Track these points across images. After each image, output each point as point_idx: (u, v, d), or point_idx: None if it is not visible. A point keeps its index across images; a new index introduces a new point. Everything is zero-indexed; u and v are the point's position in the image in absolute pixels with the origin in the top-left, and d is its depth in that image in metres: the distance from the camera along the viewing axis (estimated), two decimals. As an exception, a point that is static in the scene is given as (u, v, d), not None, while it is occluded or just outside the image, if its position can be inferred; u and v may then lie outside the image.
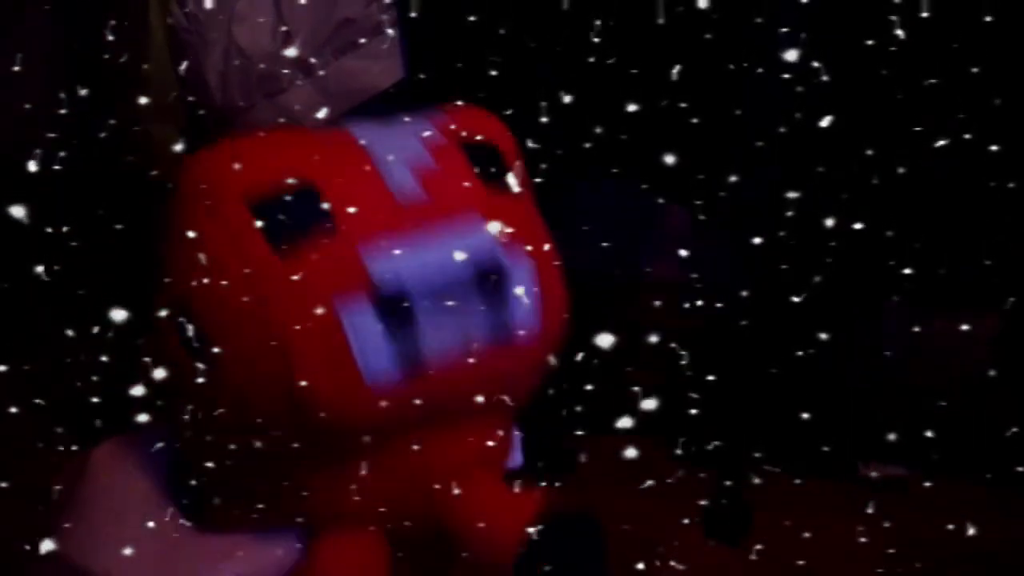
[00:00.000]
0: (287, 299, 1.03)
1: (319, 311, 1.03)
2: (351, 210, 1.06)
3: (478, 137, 1.17)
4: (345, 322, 1.04)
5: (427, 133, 1.14)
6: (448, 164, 1.13)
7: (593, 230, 1.73)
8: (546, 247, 1.17)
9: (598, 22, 1.66)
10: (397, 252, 1.06)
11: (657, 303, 1.67)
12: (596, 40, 1.66)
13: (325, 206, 1.06)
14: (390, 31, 1.66)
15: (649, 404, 1.34)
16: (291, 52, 1.61)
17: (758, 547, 1.64)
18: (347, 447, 1.09)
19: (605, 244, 1.84)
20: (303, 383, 1.04)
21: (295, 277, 1.04)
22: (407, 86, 1.69)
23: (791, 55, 1.55)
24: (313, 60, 1.65)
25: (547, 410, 1.43)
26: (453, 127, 1.17)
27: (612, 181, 1.87)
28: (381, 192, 1.08)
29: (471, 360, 1.10)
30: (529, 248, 1.15)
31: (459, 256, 1.08)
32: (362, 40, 1.67)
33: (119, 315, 1.12)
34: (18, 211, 1.15)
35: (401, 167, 1.10)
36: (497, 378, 1.15)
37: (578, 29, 1.68)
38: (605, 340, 1.20)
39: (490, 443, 1.19)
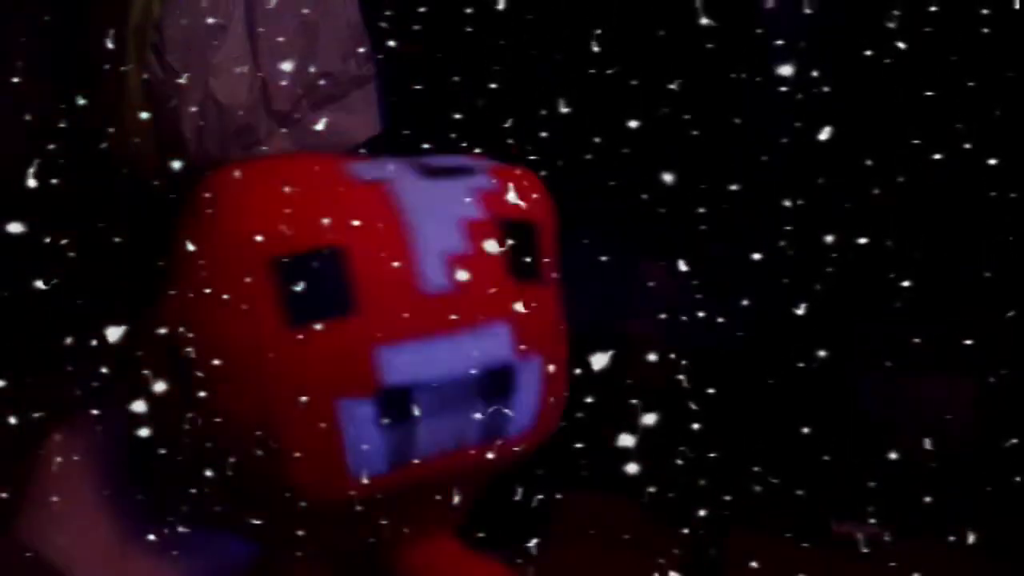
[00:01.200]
0: (290, 378, 0.97)
1: (320, 400, 0.97)
2: (374, 292, 0.98)
3: (519, 216, 1.08)
4: (343, 415, 0.98)
5: (470, 213, 1.06)
6: (480, 253, 1.05)
7: (572, 285, 1.72)
8: (560, 347, 1.10)
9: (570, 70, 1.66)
10: (410, 347, 1.00)
11: (637, 360, 1.66)
12: (572, 89, 1.66)
13: (349, 283, 0.98)
14: (368, 85, 1.67)
15: (627, 462, 1.32)
16: (268, 104, 1.61)
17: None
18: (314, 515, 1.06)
19: (585, 300, 1.84)
20: (287, 465, 1.00)
21: (302, 355, 0.96)
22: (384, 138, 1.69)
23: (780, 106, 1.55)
24: (290, 113, 1.64)
25: (522, 469, 1.42)
26: (497, 202, 1.08)
27: (592, 236, 1.86)
28: (408, 278, 1.01)
29: (456, 456, 1.05)
30: (543, 346, 1.10)
31: (472, 358, 1.02)
32: (339, 94, 1.67)
33: (116, 331, 1.08)
34: (15, 223, 1.12)
35: (435, 253, 1.02)
36: (477, 468, 1.12)
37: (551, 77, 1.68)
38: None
39: (454, 506, 1.16)
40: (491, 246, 1.06)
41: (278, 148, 1.65)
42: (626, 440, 1.59)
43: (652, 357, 1.79)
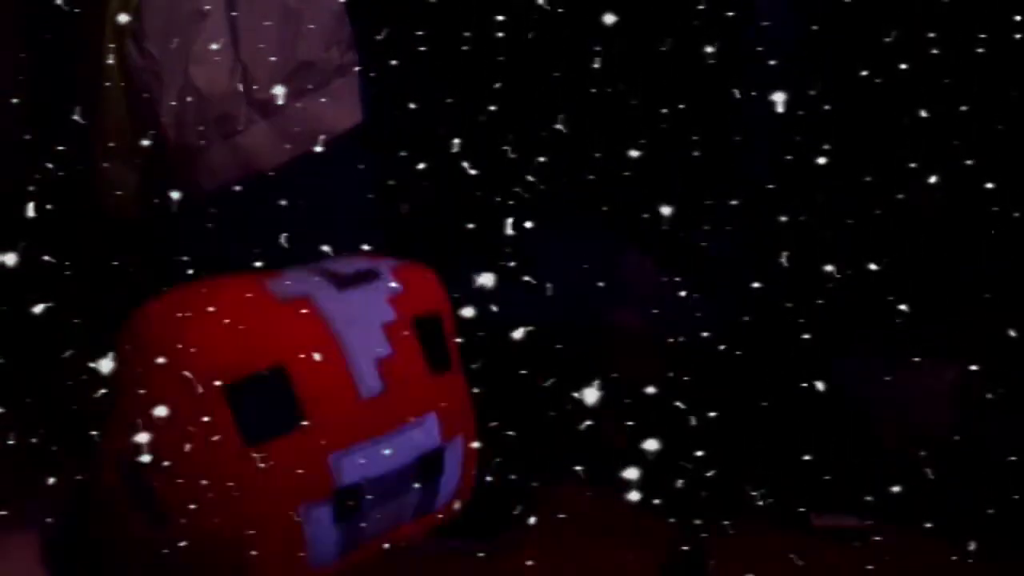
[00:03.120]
0: (253, 489, 1.06)
1: (283, 507, 1.07)
2: (320, 404, 1.09)
3: (426, 311, 1.23)
4: (304, 517, 1.08)
5: (387, 317, 1.18)
6: (404, 353, 1.19)
7: (556, 276, 1.72)
8: (471, 424, 1.26)
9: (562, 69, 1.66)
10: (358, 451, 1.11)
11: (621, 351, 1.67)
12: (562, 86, 1.66)
13: (295, 399, 1.08)
14: (350, 74, 1.65)
15: (612, 453, 1.38)
16: (249, 92, 1.59)
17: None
18: None
19: (569, 287, 1.83)
20: (254, 569, 1.06)
21: (261, 468, 1.06)
22: (366, 128, 1.68)
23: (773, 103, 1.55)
24: (271, 101, 1.62)
25: (506, 458, 1.43)
26: (407, 303, 1.22)
27: (575, 226, 1.86)
28: (348, 387, 1.13)
29: (396, 531, 1.18)
30: (462, 426, 1.24)
31: (410, 449, 1.15)
32: (321, 82, 1.65)
33: (105, 364, 1.10)
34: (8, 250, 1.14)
35: (366, 359, 1.14)
36: (406, 542, 1.24)
37: (546, 72, 1.68)
38: (590, 396, 1.28)
39: None
40: (410, 343, 1.18)
41: (258, 137, 1.63)
42: (612, 432, 1.60)
43: (636, 348, 1.79)
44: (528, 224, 1.49)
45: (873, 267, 1.75)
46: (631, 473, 1.37)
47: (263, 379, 1.06)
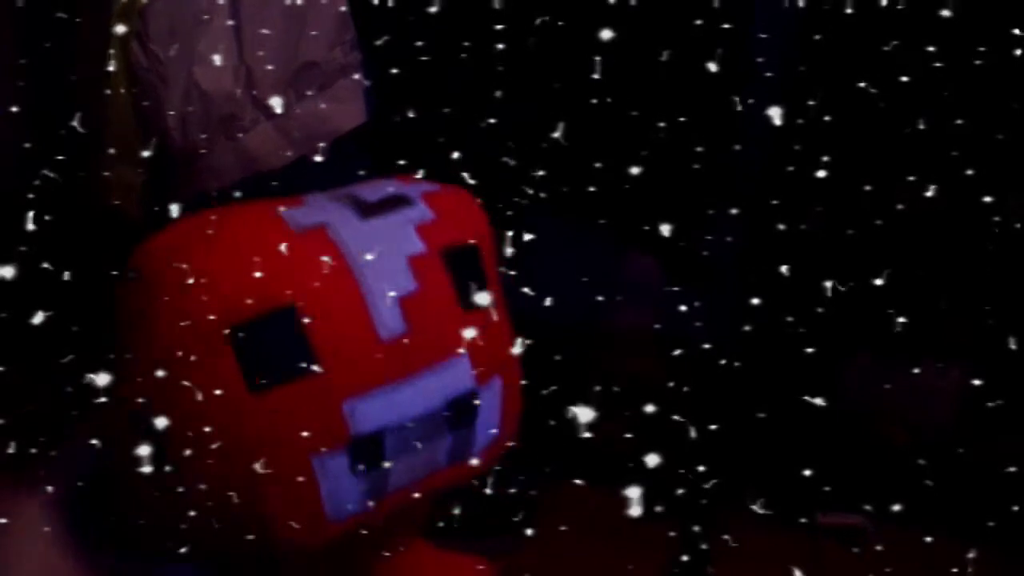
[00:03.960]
0: (261, 441, 0.97)
1: (294, 458, 0.97)
2: (333, 346, 0.98)
3: (460, 242, 1.09)
4: (317, 469, 0.98)
5: (413, 248, 1.06)
6: (432, 289, 1.06)
7: (558, 277, 1.72)
8: (513, 361, 1.12)
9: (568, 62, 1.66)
10: (377, 396, 1.00)
11: (625, 352, 1.67)
12: (565, 85, 1.66)
13: (305, 339, 0.97)
14: (353, 74, 1.65)
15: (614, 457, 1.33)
16: (253, 93, 1.59)
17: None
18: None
19: (570, 291, 1.83)
20: (267, 523, 0.98)
21: (270, 416, 0.96)
22: (371, 128, 1.68)
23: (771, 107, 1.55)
24: (275, 102, 1.63)
25: (510, 462, 1.42)
26: (438, 232, 1.09)
27: (577, 226, 1.86)
28: (365, 327, 1.01)
29: (427, 483, 1.07)
30: (499, 366, 1.09)
31: (436, 394, 1.03)
32: (325, 83, 1.65)
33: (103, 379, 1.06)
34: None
35: (388, 297, 1.02)
36: (445, 487, 1.11)
37: (549, 69, 1.68)
38: (584, 414, 1.20)
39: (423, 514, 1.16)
40: (439, 279, 1.06)
41: (263, 137, 1.64)
42: (614, 436, 1.60)
43: (640, 351, 1.79)
44: (528, 237, 1.47)
45: (878, 280, 1.75)
46: (633, 492, 1.32)
47: (270, 321, 0.97)
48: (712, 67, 1.57)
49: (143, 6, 1.63)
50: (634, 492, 1.27)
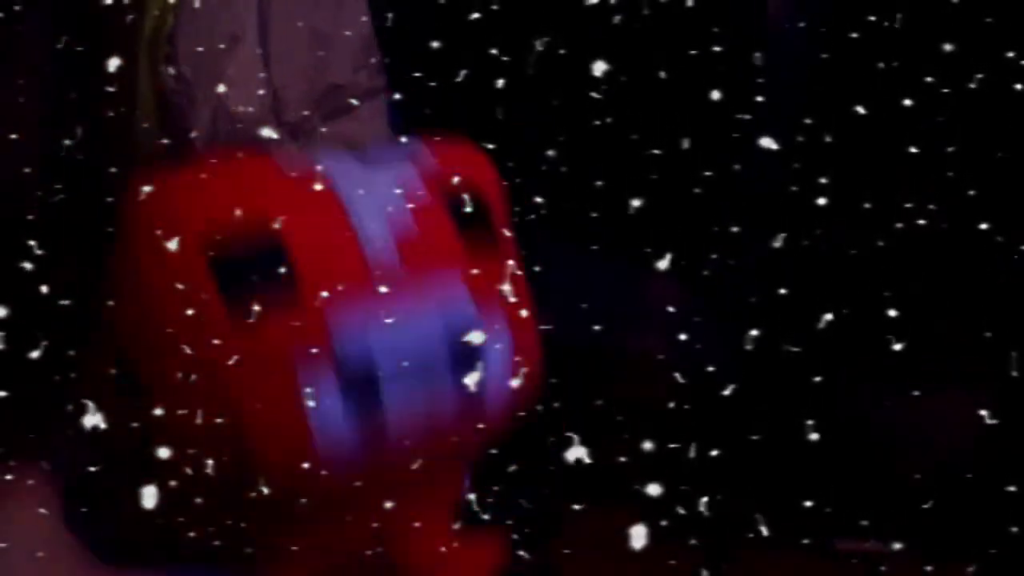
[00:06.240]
0: (243, 369, 0.97)
1: (278, 386, 0.97)
2: (320, 275, 0.99)
3: (463, 184, 1.10)
4: (305, 399, 0.97)
5: (409, 185, 1.07)
6: (429, 223, 1.07)
7: (573, 301, 1.73)
8: (524, 307, 1.11)
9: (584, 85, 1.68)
10: (367, 324, 0.99)
11: (642, 377, 1.67)
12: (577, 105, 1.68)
13: (291, 267, 0.98)
14: (377, 97, 1.68)
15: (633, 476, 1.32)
16: (279, 115, 1.61)
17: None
18: (294, 508, 1.04)
19: (586, 316, 1.84)
20: (255, 453, 0.97)
21: (254, 346, 0.97)
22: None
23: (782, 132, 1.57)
24: (301, 124, 1.65)
25: (537, 476, 1.41)
26: (437, 172, 1.10)
27: (593, 249, 1.87)
28: (355, 256, 1.02)
29: (435, 433, 1.05)
30: (507, 309, 1.09)
31: (434, 328, 1.02)
32: (350, 105, 1.68)
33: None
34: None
35: (379, 228, 1.03)
36: (459, 445, 1.09)
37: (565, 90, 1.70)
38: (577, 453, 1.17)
39: (444, 490, 1.14)
40: (437, 214, 1.05)
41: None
42: (633, 454, 1.60)
43: (653, 374, 1.79)
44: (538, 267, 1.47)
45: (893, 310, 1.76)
46: (639, 533, 1.28)
47: (254, 247, 0.97)
48: (719, 86, 1.59)
49: (171, 31, 1.66)
50: (639, 527, 1.24)
